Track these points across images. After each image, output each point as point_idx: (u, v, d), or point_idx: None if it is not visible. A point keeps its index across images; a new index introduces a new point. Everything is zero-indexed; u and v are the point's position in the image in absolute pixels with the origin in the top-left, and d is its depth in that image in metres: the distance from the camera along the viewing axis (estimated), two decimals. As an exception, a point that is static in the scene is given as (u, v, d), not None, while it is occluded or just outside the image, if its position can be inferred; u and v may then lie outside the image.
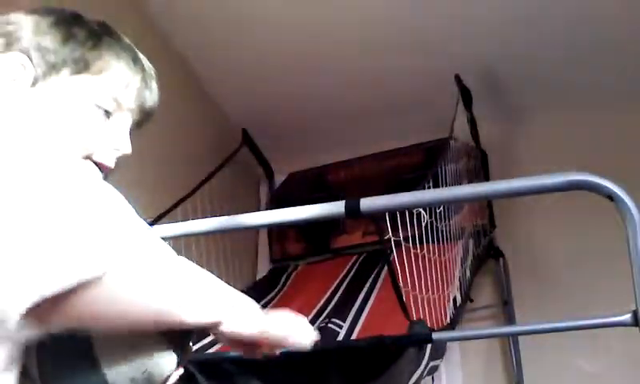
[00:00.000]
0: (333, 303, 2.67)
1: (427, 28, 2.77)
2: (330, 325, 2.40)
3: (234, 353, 1.67)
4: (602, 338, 2.43)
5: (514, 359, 2.80)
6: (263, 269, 3.39)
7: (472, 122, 2.92)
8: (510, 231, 3.05)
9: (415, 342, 1.00)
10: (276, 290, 3.02)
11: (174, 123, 2.87)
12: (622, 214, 0.85)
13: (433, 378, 2.68)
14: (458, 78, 2.77)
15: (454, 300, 2.21)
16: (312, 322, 2.53)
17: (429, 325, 1.72)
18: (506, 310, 2.90)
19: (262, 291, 2.96)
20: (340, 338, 2.28)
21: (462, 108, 2.79)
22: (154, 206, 2.25)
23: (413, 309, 1.73)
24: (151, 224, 2.07)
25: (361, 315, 2.44)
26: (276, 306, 2.84)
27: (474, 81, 2.82)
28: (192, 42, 2.87)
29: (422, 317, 1.71)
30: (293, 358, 0.85)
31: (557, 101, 3.14)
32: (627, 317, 0.91)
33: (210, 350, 2.21)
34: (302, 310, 2.73)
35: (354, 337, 2.27)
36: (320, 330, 2.39)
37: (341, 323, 2.38)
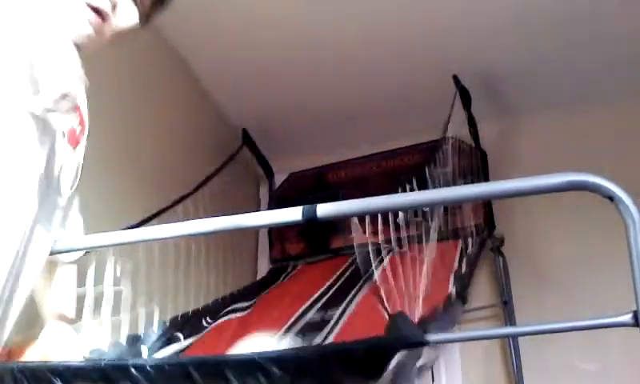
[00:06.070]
0: (327, 297, 2.67)
1: (427, 28, 2.77)
2: (325, 317, 2.41)
3: (231, 354, 1.67)
4: (602, 338, 2.43)
5: (513, 359, 2.79)
6: (263, 269, 3.40)
7: (471, 122, 2.92)
8: (510, 231, 3.05)
9: (410, 345, 0.99)
10: (274, 285, 3.03)
11: (174, 123, 2.87)
12: (622, 214, 0.84)
13: (433, 377, 2.68)
14: (456, 79, 2.77)
15: (449, 296, 2.20)
16: (305, 312, 2.54)
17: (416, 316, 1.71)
18: (506, 310, 2.90)
19: (261, 290, 2.96)
20: (328, 328, 2.29)
21: (461, 108, 2.79)
22: (154, 205, 2.25)
23: (397, 305, 1.73)
24: (150, 221, 2.07)
25: (348, 308, 2.46)
26: (272, 294, 2.86)
27: (473, 81, 2.82)
28: (192, 42, 2.87)
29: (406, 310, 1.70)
30: (288, 358, 0.85)
31: (557, 101, 3.15)
32: (628, 317, 0.90)
33: (194, 339, 2.22)
34: (297, 299, 2.75)
35: (338, 328, 2.28)
36: (314, 324, 2.40)
37: (332, 314, 2.40)
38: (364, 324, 2.15)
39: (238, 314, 2.52)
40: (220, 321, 2.38)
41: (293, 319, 2.45)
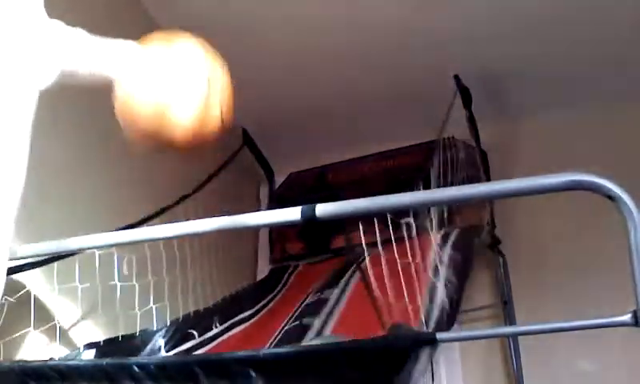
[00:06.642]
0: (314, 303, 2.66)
1: (428, 29, 2.77)
2: (303, 322, 2.40)
3: (238, 352, 1.67)
4: (602, 338, 2.44)
5: (513, 359, 2.80)
6: (263, 269, 3.40)
7: (472, 122, 2.92)
8: (510, 231, 3.05)
9: (421, 343, 0.99)
10: (276, 290, 3.03)
11: (174, 123, 2.87)
12: (622, 214, 0.85)
13: (433, 377, 2.67)
14: (457, 78, 2.77)
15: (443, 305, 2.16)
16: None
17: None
18: (506, 310, 2.90)
19: (262, 291, 2.96)
20: (311, 333, 2.28)
21: (461, 107, 2.79)
22: (155, 205, 2.26)
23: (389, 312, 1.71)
24: (151, 220, 2.07)
25: (333, 312, 2.45)
26: (276, 306, 2.85)
27: (474, 81, 2.82)
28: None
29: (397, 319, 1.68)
30: (297, 357, 0.86)
31: (557, 101, 3.15)
32: (627, 317, 0.91)
33: (207, 348, 2.22)
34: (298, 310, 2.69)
35: (327, 332, 2.27)
36: (291, 329, 2.39)
37: (312, 320, 2.39)
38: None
39: (242, 327, 2.51)
40: (226, 336, 2.37)
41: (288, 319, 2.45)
